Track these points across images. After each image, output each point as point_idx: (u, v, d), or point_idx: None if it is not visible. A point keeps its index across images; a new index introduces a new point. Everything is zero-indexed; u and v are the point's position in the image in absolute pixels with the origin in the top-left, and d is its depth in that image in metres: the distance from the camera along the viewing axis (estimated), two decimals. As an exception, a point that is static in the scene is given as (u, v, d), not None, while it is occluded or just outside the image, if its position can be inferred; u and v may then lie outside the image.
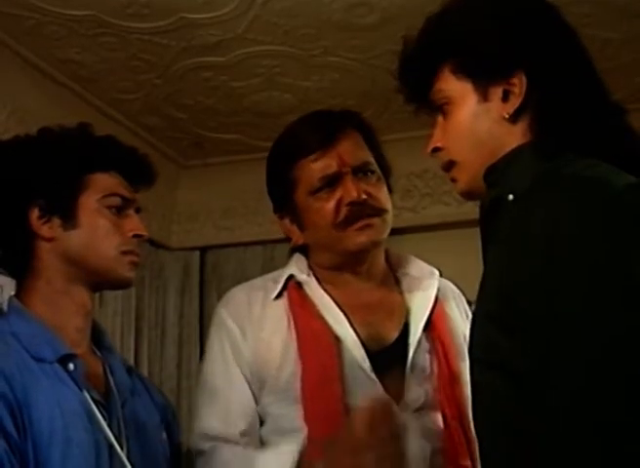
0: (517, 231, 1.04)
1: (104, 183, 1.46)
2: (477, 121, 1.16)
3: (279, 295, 1.62)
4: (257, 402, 1.55)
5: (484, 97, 1.16)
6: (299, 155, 1.61)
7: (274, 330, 1.57)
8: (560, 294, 0.96)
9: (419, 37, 1.23)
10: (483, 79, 1.16)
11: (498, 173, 1.14)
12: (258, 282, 1.70)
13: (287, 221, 1.68)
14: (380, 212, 1.59)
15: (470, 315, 1.72)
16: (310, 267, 1.65)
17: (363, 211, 1.56)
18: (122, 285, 1.49)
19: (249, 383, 1.56)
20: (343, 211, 1.56)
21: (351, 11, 3.08)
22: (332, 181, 1.58)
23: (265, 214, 4.33)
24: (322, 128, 1.61)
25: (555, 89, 1.14)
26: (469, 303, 1.76)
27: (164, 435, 1.49)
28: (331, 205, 1.57)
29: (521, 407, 1.00)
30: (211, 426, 1.55)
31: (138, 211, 1.51)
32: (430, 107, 1.24)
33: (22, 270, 1.45)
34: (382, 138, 1.74)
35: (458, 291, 1.75)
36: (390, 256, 1.71)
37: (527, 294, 0.99)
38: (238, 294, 1.66)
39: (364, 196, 1.56)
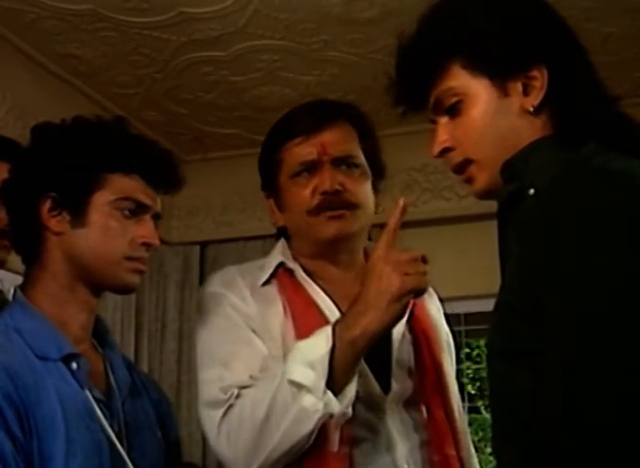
0: (543, 223, 1.02)
1: (121, 185, 1.41)
2: (499, 117, 1.15)
3: (267, 282, 1.62)
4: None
5: (504, 92, 1.14)
6: (285, 137, 1.63)
7: (269, 312, 1.57)
8: (584, 287, 0.96)
9: (419, 33, 1.20)
10: (502, 74, 1.14)
11: (516, 166, 1.13)
12: (244, 267, 1.68)
13: (271, 202, 1.70)
14: (351, 206, 1.58)
15: (442, 310, 1.73)
16: (294, 256, 1.65)
17: (334, 202, 1.57)
18: (123, 290, 1.46)
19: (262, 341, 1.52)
20: (316, 198, 1.58)
21: (351, 5, 3.08)
22: (311, 168, 1.60)
23: (265, 209, 4.33)
24: (313, 114, 1.63)
25: (573, 80, 1.14)
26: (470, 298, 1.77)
27: (159, 432, 1.49)
28: (307, 191, 1.59)
29: (538, 396, 0.99)
30: (236, 379, 1.47)
31: (157, 217, 1.46)
32: (435, 108, 1.20)
33: (31, 259, 1.43)
34: (382, 133, 1.74)
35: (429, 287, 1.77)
36: (368, 251, 1.69)
37: (553, 286, 0.98)
38: (229, 273, 1.64)
39: (338, 187, 1.57)
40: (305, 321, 1.54)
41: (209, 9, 3.08)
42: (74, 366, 1.33)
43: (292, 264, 1.63)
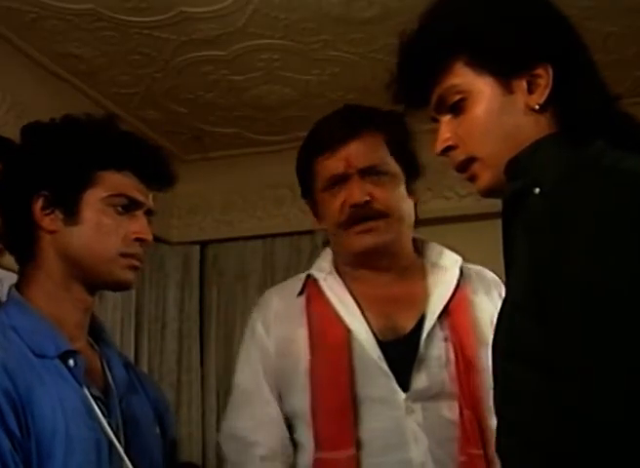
0: (551, 222, 1.02)
1: (113, 182, 1.41)
2: (504, 114, 1.14)
3: (301, 293, 1.67)
4: (283, 408, 1.60)
5: (508, 89, 1.13)
6: (315, 152, 1.67)
7: (293, 327, 1.62)
8: (588, 288, 0.96)
9: (422, 31, 1.19)
10: (506, 72, 1.13)
11: (521, 164, 1.12)
12: (287, 282, 1.77)
13: (312, 208, 1.74)
14: (382, 215, 1.61)
15: None
16: (335, 261, 1.70)
17: (365, 213, 1.59)
18: (119, 287, 1.46)
19: (275, 389, 1.61)
20: (346, 212, 1.60)
21: (351, 4, 3.07)
22: (339, 181, 1.62)
23: (265, 208, 4.34)
24: (338, 127, 1.65)
25: (578, 78, 1.13)
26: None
27: (157, 429, 1.49)
28: (336, 204, 1.62)
29: (543, 396, 0.99)
30: (238, 426, 1.64)
31: (149, 213, 1.47)
32: (438, 106, 1.19)
33: (25, 258, 1.43)
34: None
35: (493, 277, 1.73)
36: (419, 244, 1.73)
37: (557, 286, 0.98)
38: (268, 295, 1.74)
39: (367, 198, 1.59)
40: (320, 328, 1.59)
41: (208, 8, 3.08)
42: (71, 363, 1.33)
43: (319, 274, 1.67)
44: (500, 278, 1.17)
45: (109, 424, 1.33)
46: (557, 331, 0.97)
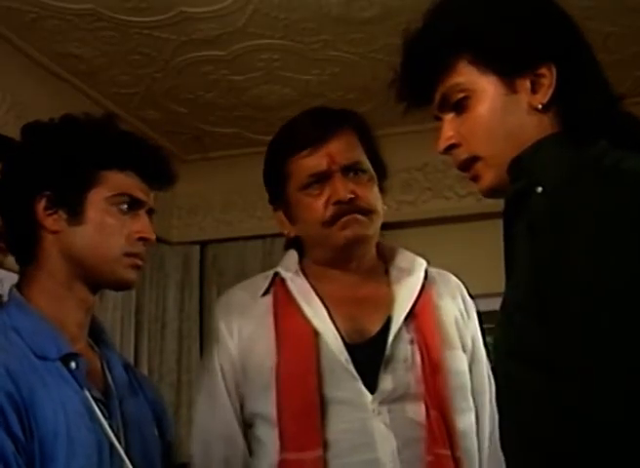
0: (552, 222, 1.02)
1: (116, 182, 1.41)
2: (507, 113, 1.14)
3: (267, 292, 1.66)
4: (245, 408, 1.60)
5: (512, 89, 1.13)
6: (291, 151, 1.64)
7: (259, 326, 1.61)
8: (589, 288, 0.96)
9: (426, 29, 1.19)
10: (510, 71, 1.13)
11: (523, 164, 1.12)
12: (252, 280, 1.74)
13: (280, 213, 1.71)
14: (365, 212, 1.61)
15: (471, 306, 1.72)
16: (301, 262, 1.68)
17: (349, 209, 1.59)
18: (122, 286, 1.46)
19: (237, 390, 1.60)
20: (330, 209, 1.59)
21: (351, 4, 3.07)
22: (321, 179, 1.61)
23: (265, 209, 4.30)
24: (316, 125, 1.64)
25: (582, 78, 1.13)
26: (471, 297, 1.76)
27: (156, 431, 1.49)
28: (319, 202, 1.60)
29: (544, 396, 0.99)
30: (200, 427, 1.65)
31: (150, 212, 1.47)
32: (441, 104, 1.19)
33: (27, 258, 1.43)
34: (382, 132, 1.75)
35: (456, 281, 1.76)
36: (382, 249, 1.73)
37: (558, 286, 0.98)
38: (230, 294, 1.72)
39: (351, 196, 1.58)
40: (287, 329, 1.58)
41: (208, 8, 3.08)
42: (73, 365, 1.33)
43: (287, 273, 1.65)
44: (500, 277, 1.17)
45: (110, 426, 1.33)
46: (557, 331, 0.98)
